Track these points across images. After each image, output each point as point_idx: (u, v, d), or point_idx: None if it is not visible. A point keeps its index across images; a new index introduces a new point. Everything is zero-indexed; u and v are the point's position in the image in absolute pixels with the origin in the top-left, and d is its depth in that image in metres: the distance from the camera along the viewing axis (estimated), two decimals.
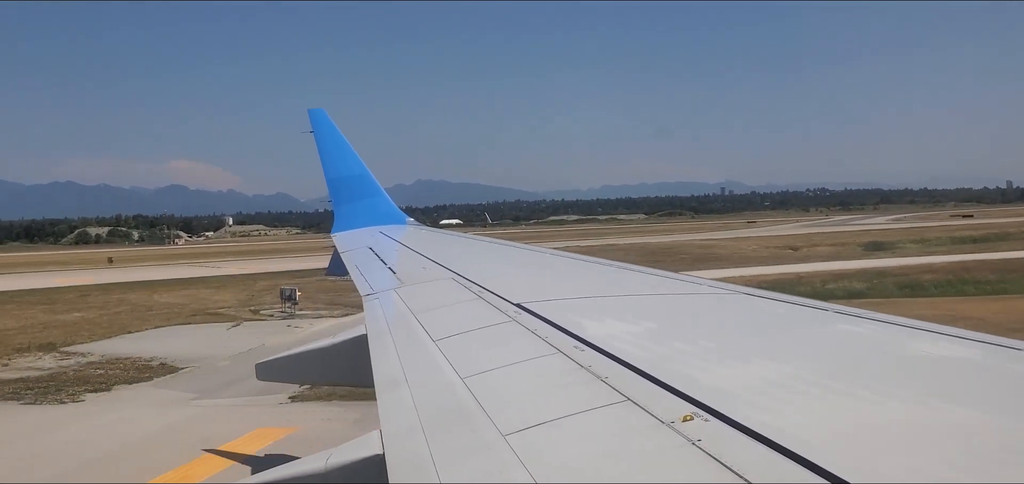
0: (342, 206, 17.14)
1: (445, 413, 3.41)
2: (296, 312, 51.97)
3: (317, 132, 17.48)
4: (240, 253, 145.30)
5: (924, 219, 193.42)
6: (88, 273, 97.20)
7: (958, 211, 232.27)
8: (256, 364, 8.78)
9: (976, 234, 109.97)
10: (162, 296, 64.92)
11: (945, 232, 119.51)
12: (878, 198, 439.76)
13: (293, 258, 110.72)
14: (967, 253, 78.46)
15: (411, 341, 4.98)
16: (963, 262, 68.70)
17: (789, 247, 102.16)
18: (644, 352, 3.63)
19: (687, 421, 2.63)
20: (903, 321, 4.04)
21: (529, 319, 4.73)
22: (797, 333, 4.25)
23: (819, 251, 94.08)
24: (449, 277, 7.39)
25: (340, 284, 66.39)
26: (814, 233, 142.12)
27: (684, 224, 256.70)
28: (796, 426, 2.51)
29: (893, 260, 76.36)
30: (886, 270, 64.07)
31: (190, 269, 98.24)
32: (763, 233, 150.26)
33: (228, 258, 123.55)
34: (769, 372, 3.29)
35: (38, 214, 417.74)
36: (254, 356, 35.25)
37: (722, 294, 5.60)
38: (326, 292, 62.56)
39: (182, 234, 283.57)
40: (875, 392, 2.92)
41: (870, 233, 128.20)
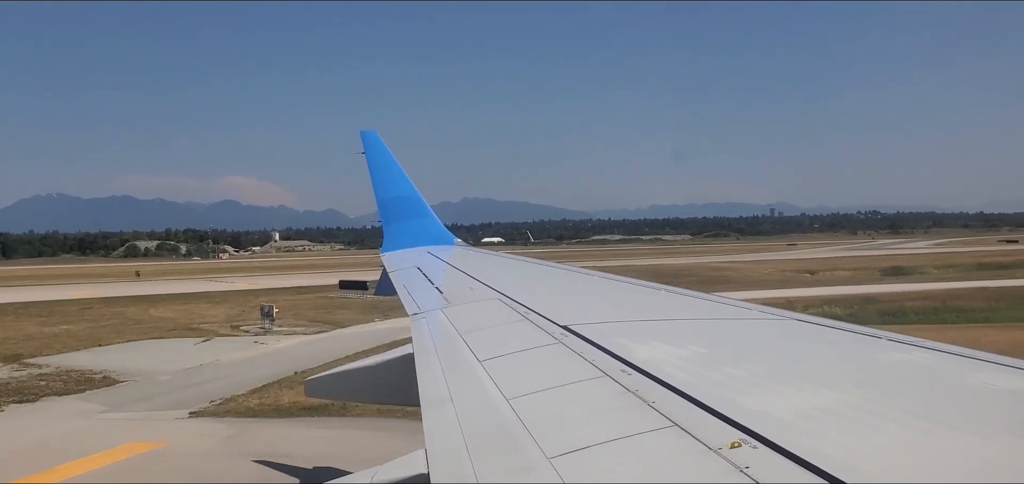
0: (391, 225, 17.33)
1: (490, 434, 3.41)
2: (271, 329, 53.19)
3: (368, 153, 17.74)
4: (268, 268, 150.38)
5: (968, 244, 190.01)
6: (108, 286, 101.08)
7: (1009, 236, 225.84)
8: (305, 381, 8.96)
9: (1005, 261, 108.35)
10: (158, 310, 67.32)
11: (974, 258, 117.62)
12: (930, 221, 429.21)
13: (315, 274, 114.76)
14: (981, 280, 77.81)
15: (457, 361, 5.00)
16: (959, 289, 68.15)
17: (808, 271, 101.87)
18: (692, 377, 3.59)
19: (735, 448, 2.59)
20: (958, 350, 3.93)
21: (576, 341, 4.72)
22: (848, 359, 4.17)
23: (836, 275, 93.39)
24: (496, 298, 7.41)
25: (329, 302, 67.81)
26: (844, 257, 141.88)
27: (726, 246, 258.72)
28: (847, 454, 2.46)
29: (899, 286, 75.80)
30: (875, 296, 63.76)
31: (205, 284, 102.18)
32: (794, 256, 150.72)
33: (252, 273, 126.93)
34: (819, 399, 3.22)
35: (95, 227, 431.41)
36: (199, 371, 37.70)
37: (771, 319, 5.51)
38: (314, 309, 65.56)
39: (229, 248, 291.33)
40: (928, 422, 2.84)
41: (899, 258, 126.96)
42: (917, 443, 2.62)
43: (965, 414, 2.99)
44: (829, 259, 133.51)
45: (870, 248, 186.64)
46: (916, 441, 2.64)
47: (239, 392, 31.50)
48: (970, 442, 2.64)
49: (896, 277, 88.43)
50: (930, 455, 2.49)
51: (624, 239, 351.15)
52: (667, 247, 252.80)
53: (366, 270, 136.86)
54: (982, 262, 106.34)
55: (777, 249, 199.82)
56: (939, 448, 2.57)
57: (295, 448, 23.57)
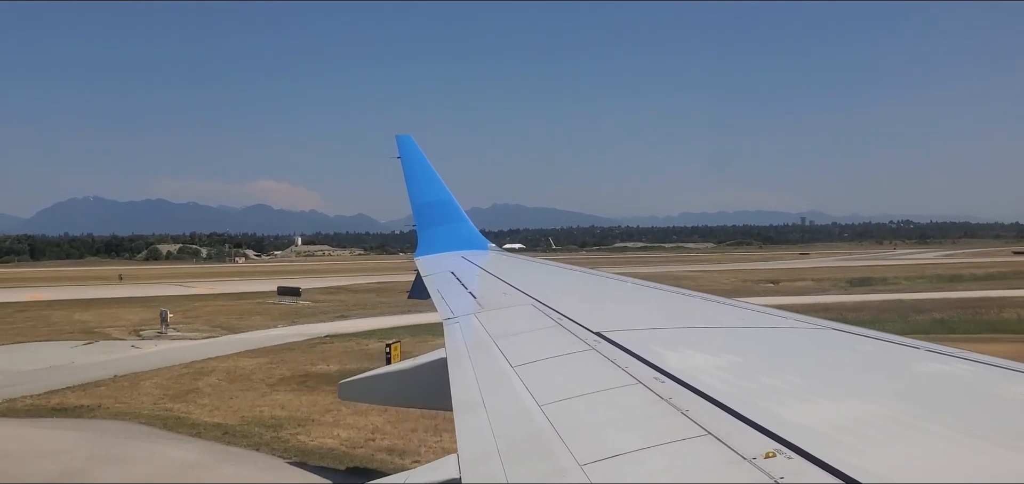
0: (426, 230, 17.39)
1: (522, 439, 3.41)
2: (165, 333, 56.19)
3: (404, 157, 17.84)
4: (260, 273, 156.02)
5: (981, 255, 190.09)
6: (77, 289, 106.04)
7: (1020, 248, 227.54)
8: (340, 383, 9.04)
9: (994, 272, 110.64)
10: (83, 314, 70.48)
11: (965, 269, 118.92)
12: (962, 232, 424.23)
13: (299, 279, 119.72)
14: (948, 291, 79.16)
15: (490, 366, 5.00)
16: (907, 301, 68.75)
17: (772, 281, 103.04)
18: (726, 385, 3.55)
19: (769, 458, 2.56)
20: (997, 362, 3.85)
21: (609, 348, 4.70)
22: (885, 370, 4.09)
23: (799, 286, 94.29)
24: (529, 303, 7.41)
25: (254, 308, 70.95)
26: (838, 266, 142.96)
27: (746, 254, 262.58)
28: (884, 467, 2.41)
29: (854, 297, 76.79)
30: (818, 306, 63.83)
31: (172, 288, 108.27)
32: (786, 265, 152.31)
33: (231, 278, 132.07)
34: (855, 410, 3.17)
35: (129, 230, 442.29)
36: (45, 372, 40.12)
37: (807, 328, 5.44)
38: (229, 315, 68.20)
39: (250, 252, 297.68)
40: (969, 435, 2.77)
41: (884, 269, 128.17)
42: (958, 457, 2.57)
43: (1006, 427, 2.92)
44: (819, 268, 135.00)
45: (877, 258, 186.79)
46: (956, 455, 2.59)
47: (41, 391, 34.65)
48: (1011, 457, 2.57)
49: (861, 287, 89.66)
50: (971, 470, 2.44)
51: (645, 246, 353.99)
52: (683, 255, 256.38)
53: (369, 274, 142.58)
54: (959, 274, 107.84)
55: (787, 258, 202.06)
56: (980, 462, 2.51)
57: (12, 447, 26.35)
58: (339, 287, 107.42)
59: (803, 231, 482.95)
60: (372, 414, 27.94)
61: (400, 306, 70.84)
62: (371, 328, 56.52)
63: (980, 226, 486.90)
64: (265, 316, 67.40)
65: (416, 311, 65.16)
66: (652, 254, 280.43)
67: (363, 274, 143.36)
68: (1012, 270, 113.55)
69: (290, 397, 33.36)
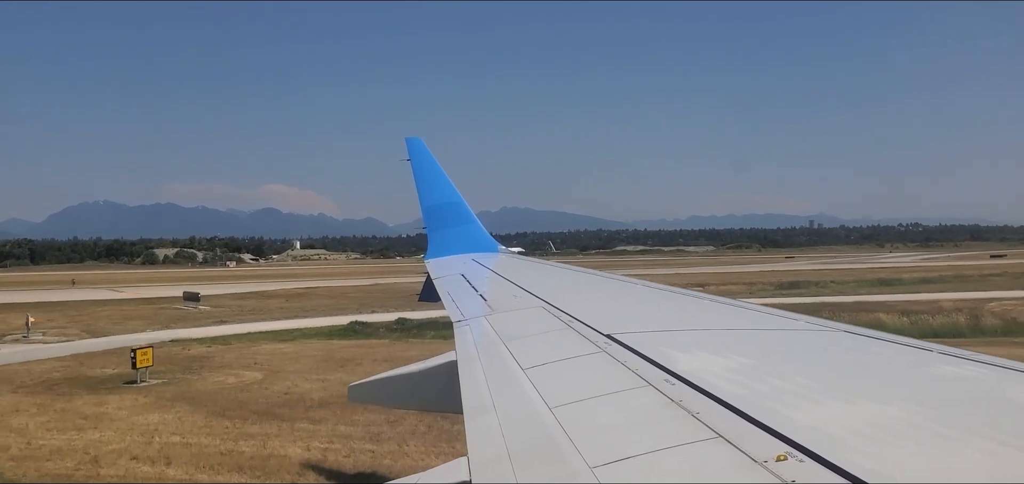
0: (436, 233, 17.40)
1: (533, 442, 3.40)
2: (27, 338, 57.28)
3: (414, 159, 17.86)
4: (228, 278, 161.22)
5: (959, 258, 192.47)
6: (22, 294, 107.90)
7: (998, 251, 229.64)
8: (349, 386, 9.05)
9: (942, 274, 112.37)
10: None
11: (933, 273, 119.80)
12: (968, 234, 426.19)
13: (268, 282, 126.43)
14: (873, 294, 79.12)
15: (500, 368, 4.99)
16: (835, 303, 68.96)
17: (698, 285, 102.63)
18: (736, 388, 3.54)
19: (781, 461, 2.55)
20: (1012, 364, 3.81)
21: (619, 350, 4.69)
22: (898, 373, 4.07)
23: (729, 289, 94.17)
24: (539, 305, 7.40)
25: (149, 313, 73.02)
26: (803, 270, 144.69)
27: (736, 257, 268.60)
28: (897, 471, 2.40)
29: (772, 299, 76.31)
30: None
31: (107, 293, 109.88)
32: (752, 269, 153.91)
33: (185, 283, 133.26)
34: (868, 413, 3.15)
35: (139, 234, 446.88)
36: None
37: (818, 330, 5.41)
38: (109, 320, 68.88)
39: (244, 256, 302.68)
40: (983, 438, 2.75)
41: (837, 272, 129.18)
42: (972, 461, 2.55)
43: (1017, 429, 2.89)
44: (784, 271, 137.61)
45: (857, 262, 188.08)
46: (970, 459, 2.57)
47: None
48: (1021, 458, 2.55)
49: (788, 290, 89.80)
50: (985, 473, 2.42)
51: (644, 250, 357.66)
52: (679, 259, 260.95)
53: (344, 278, 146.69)
54: (899, 278, 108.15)
55: (772, 261, 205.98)
56: (994, 466, 2.49)
57: None
58: (271, 292, 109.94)
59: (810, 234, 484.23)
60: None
61: (295, 312, 73.59)
62: (235, 333, 57.60)
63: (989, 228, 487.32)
64: (150, 321, 68.42)
65: (307, 316, 67.61)
66: (648, 257, 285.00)
67: (336, 278, 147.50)
68: (957, 273, 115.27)
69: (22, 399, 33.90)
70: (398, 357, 41.90)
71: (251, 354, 45.68)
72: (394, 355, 41.69)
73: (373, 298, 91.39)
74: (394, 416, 26.89)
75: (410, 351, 43.87)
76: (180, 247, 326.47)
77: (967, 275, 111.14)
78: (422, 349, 43.77)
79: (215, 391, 34.67)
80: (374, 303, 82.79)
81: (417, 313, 61.92)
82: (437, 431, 25.45)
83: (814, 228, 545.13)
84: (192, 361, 43.21)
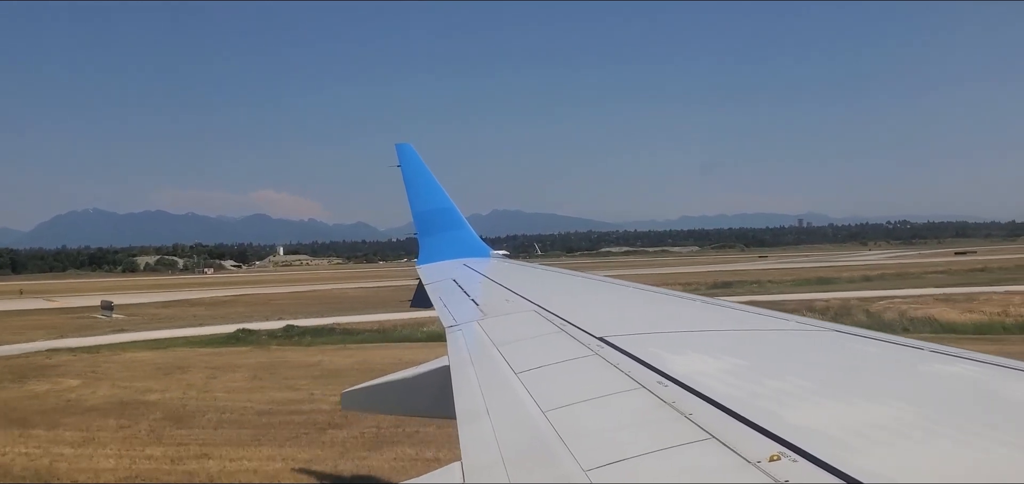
0: (427, 238, 17.42)
1: (526, 447, 3.40)
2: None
3: (404, 166, 17.88)
4: (191, 285, 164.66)
5: (935, 256, 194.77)
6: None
7: (962, 249, 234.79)
8: (342, 393, 9.02)
9: (874, 274, 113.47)
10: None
11: (837, 272, 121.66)
12: (954, 232, 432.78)
13: (223, 289, 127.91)
14: (804, 293, 79.90)
15: (493, 373, 4.99)
16: (760, 302, 70.34)
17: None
18: (729, 389, 3.55)
19: (774, 461, 2.55)
20: (1002, 361, 3.83)
21: (612, 353, 4.69)
22: (889, 372, 4.08)
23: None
24: (532, 309, 7.40)
25: (61, 322, 74.19)
26: (761, 269, 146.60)
27: (717, 256, 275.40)
28: (890, 469, 2.41)
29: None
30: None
31: (38, 303, 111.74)
32: (710, 268, 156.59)
33: (131, 291, 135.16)
34: (859, 412, 3.16)
35: (129, 242, 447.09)
36: None
37: (810, 330, 5.44)
38: (5, 331, 68.19)
39: (224, 263, 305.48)
40: (974, 436, 2.77)
41: (791, 272, 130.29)
42: (964, 458, 2.56)
43: (1012, 427, 2.91)
44: (731, 271, 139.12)
45: (827, 260, 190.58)
46: (962, 456, 2.58)
47: None
48: (1017, 456, 2.57)
49: (718, 290, 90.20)
50: (978, 471, 2.43)
51: (628, 251, 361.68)
52: (659, 260, 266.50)
53: (306, 284, 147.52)
54: (838, 276, 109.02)
55: (743, 261, 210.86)
56: (987, 463, 2.50)
57: None
58: (197, 299, 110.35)
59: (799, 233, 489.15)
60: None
61: (204, 319, 73.84)
62: (116, 342, 57.67)
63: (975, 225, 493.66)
64: (51, 330, 68.81)
65: (208, 324, 67.95)
66: (629, 258, 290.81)
67: (297, 284, 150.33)
68: (902, 271, 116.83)
69: None
70: (227, 364, 43.30)
71: (101, 363, 46.12)
72: (230, 362, 43.51)
73: (300, 305, 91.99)
74: (122, 421, 29.28)
75: (248, 358, 45.55)
76: (162, 255, 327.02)
77: (910, 273, 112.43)
78: (261, 357, 45.55)
79: (6, 398, 35.46)
80: (295, 309, 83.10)
81: (308, 320, 64.02)
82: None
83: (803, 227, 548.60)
84: (31, 369, 43.94)
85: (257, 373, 39.75)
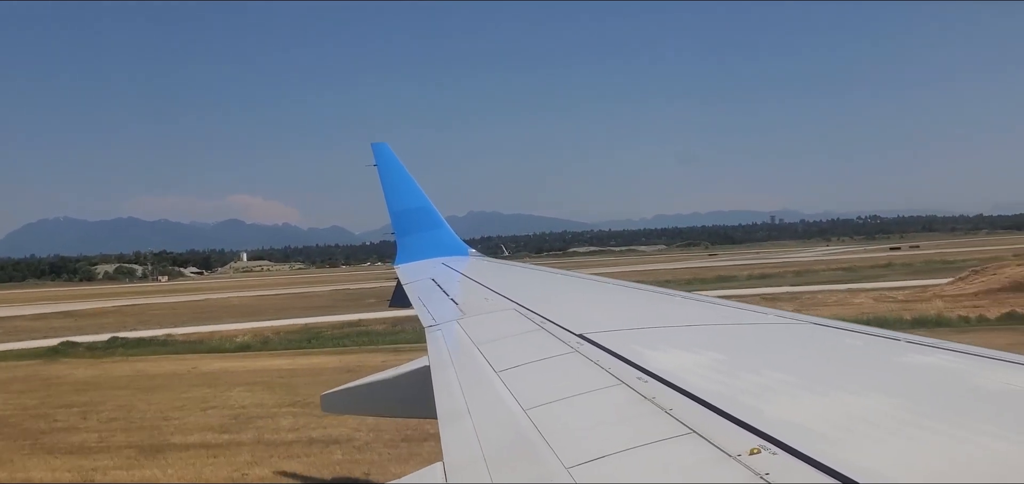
0: (405, 238, 17.36)
1: (508, 445, 3.40)
2: None
3: (380, 165, 17.81)
4: (122, 293, 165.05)
5: (873, 251, 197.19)
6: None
7: (896, 244, 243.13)
8: (322, 395, 8.95)
9: (772, 271, 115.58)
10: None
11: (735, 270, 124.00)
12: (920, 226, 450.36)
13: (142, 297, 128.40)
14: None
15: (473, 372, 4.98)
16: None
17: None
18: (709, 383, 3.56)
19: (754, 454, 2.57)
20: (976, 350, 3.88)
21: (591, 350, 4.70)
22: (867, 363, 4.13)
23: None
24: (511, 308, 7.40)
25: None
26: (654, 270, 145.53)
27: (677, 255, 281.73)
28: (868, 459, 2.43)
29: None
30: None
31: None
32: (645, 267, 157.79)
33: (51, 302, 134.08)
34: (839, 403, 3.19)
35: (101, 250, 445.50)
36: None
37: (789, 323, 5.48)
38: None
39: (185, 271, 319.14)
40: (951, 425, 2.79)
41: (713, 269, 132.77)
42: (940, 447, 2.58)
43: (987, 416, 2.94)
44: (652, 270, 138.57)
45: (768, 257, 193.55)
46: (939, 445, 2.60)
47: None
48: (993, 444, 2.60)
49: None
50: (953, 459, 2.46)
51: (594, 251, 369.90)
52: (620, 259, 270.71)
53: (246, 290, 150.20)
54: (737, 275, 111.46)
55: (694, 259, 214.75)
56: (962, 451, 2.53)
57: None
58: (85, 311, 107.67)
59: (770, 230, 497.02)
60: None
61: (70, 330, 72.20)
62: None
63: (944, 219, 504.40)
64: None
65: (51, 336, 66.87)
66: (594, 258, 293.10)
67: (231, 291, 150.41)
68: (807, 269, 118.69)
69: None
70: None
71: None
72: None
73: (191, 315, 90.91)
74: None
75: (18, 371, 44.86)
76: (121, 264, 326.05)
77: (815, 269, 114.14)
78: (28, 371, 44.86)
79: None
80: (174, 319, 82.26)
81: (135, 333, 63.45)
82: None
83: (774, 224, 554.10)
84: None
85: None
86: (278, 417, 27.98)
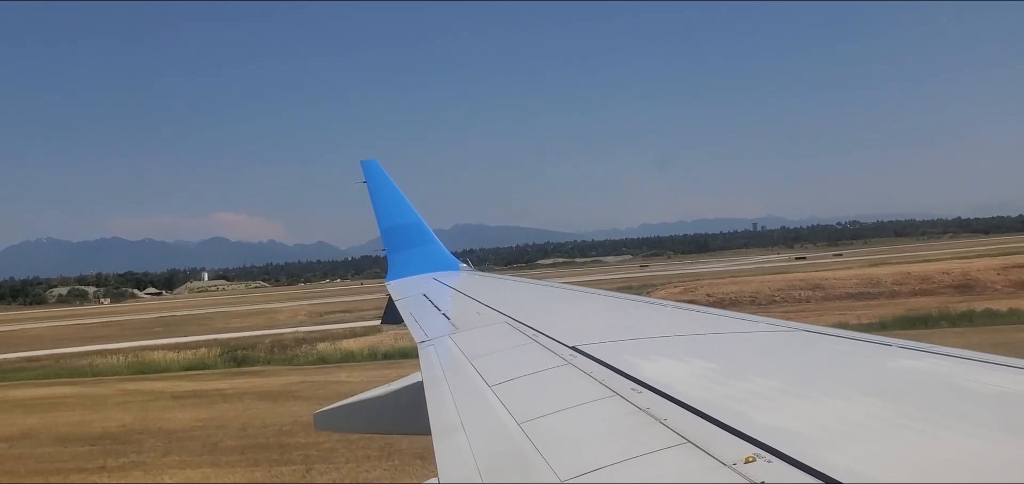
0: (395, 254, 17.33)
1: (503, 459, 3.38)
2: None
3: (370, 182, 17.78)
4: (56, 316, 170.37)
5: (813, 259, 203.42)
6: None
7: (800, 254, 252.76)
8: (314, 414, 8.91)
9: (689, 278, 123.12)
10: None
11: (663, 279, 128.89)
12: (892, 231, 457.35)
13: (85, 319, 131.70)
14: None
15: (467, 387, 4.96)
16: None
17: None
18: (703, 393, 3.56)
19: (749, 463, 2.57)
20: (968, 354, 3.90)
21: (585, 362, 4.69)
22: (859, 369, 4.14)
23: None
24: (503, 321, 7.38)
25: None
26: (597, 278, 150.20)
27: (622, 266, 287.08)
28: (863, 465, 2.43)
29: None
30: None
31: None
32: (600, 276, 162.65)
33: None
34: (832, 410, 3.19)
35: (84, 270, 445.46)
36: None
37: (780, 331, 5.49)
38: None
39: (141, 292, 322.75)
40: (943, 428, 2.81)
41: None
42: (933, 450, 2.59)
43: (980, 418, 2.95)
44: (585, 281, 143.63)
45: (722, 265, 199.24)
46: (932, 449, 2.61)
47: None
48: (985, 447, 2.61)
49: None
50: (946, 462, 2.46)
51: (563, 263, 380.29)
52: (580, 270, 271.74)
53: (165, 311, 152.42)
54: (654, 283, 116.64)
55: (626, 270, 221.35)
56: (955, 455, 2.54)
57: None
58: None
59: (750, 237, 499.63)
60: None
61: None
62: None
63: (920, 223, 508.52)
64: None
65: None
66: (556, 270, 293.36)
67: (156, 312, 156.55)
68: (714, 275, 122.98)
69: None
70: None
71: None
72: None
73: (81, 337, 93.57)
74: None
75: None
76: (71, 285, 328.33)
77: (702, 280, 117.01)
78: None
79: None
80: (57, 343, 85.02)
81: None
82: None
83: (756, 231, 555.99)
84: None
85: None
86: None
